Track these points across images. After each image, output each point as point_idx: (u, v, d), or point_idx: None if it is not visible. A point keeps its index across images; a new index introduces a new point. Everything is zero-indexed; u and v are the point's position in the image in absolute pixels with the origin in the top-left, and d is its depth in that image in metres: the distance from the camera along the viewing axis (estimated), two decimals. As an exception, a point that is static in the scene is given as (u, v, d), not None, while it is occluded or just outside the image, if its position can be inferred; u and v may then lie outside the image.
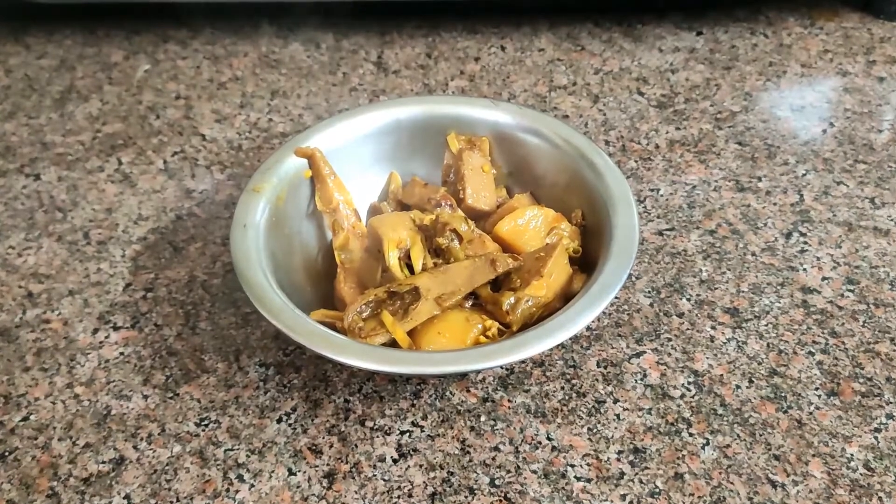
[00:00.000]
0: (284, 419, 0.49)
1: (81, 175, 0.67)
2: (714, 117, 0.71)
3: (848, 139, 0.68)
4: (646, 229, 0.60)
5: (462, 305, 0.50)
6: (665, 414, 0.49)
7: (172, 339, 0.54)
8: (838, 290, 0.55)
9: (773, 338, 0.53)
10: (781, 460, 0.46)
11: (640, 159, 0.67)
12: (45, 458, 0.48)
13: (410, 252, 0.50)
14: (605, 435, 0.48)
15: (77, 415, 0.50)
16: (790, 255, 0.58)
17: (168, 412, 0.50)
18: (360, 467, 0.47)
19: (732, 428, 0.48)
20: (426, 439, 0.48)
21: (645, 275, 0.57)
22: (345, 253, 0.54)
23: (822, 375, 0.50)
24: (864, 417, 0.48)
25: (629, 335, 0.53)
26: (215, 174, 0.67)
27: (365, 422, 0.49)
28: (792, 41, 0.79)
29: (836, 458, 0.46)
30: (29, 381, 0.52)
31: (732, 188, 0.63)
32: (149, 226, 0.62)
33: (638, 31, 0.82)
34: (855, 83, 0.74)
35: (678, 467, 0.46)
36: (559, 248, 0.50)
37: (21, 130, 0.73)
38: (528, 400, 0.50)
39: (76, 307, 0.56)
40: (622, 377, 0.51)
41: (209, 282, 0.58)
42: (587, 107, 0.73)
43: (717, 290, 0.56)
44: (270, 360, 0.53)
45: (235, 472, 0.47)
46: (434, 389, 0.50)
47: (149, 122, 0.73)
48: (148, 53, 0.82)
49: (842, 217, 0.61)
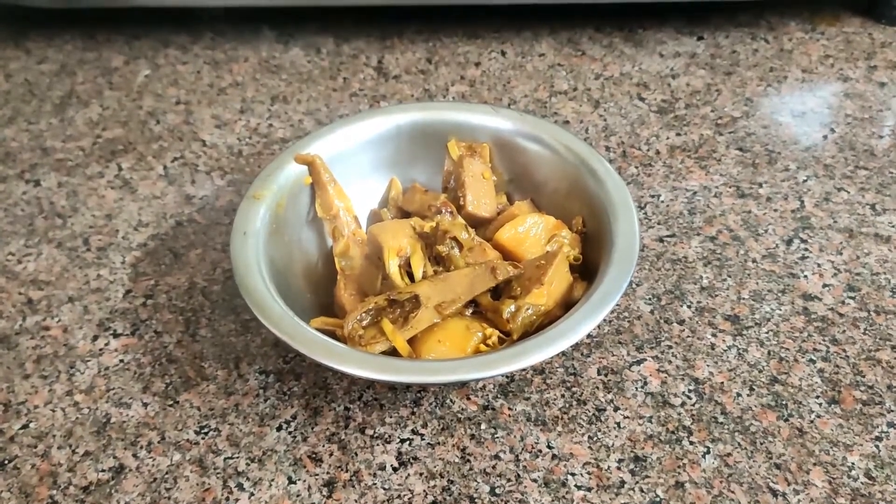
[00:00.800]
0: (284, 427, 0.49)
1: (81, 181, 0.67)
2: (715, 123, 0.71)
3: (849, 145, 0.67)
4: (646, 236, 0.60)
5: (462, 313, 0.50)
6: (666, 422, 0.48)
7: (172, 346, 0.54)
8: (839, 298, 0.55)
9: (773, 345, 0.52)
10: (782, 469, 0.46)
11: (641, 165, 0.66)
12: (44, 466, 0.48)
13: (410, 260, 0.50)
14: (605, 443, 0.48)
15: (77, 423, 0.50)
16: (791, 261, 0.58)
17: (168, 420, 0.50)
18: (360, 475, 0.47)
19: (733, 436, 0.48)
20: (426, 447, 0.48)
21: (645, 282, 0.57)
22: (345, 260, 0.54)
23: (822, 383, 0.50)
24: (866, 426, 0.48)
25: (630, 342, 0.53)
26: (215, 180, 0.67)
27: (365, 430, 0.49)
28: (793, 46, 0.79)
29: (837, 466, 0.46)
30: (29, 388, 0.52)
31: (733, 194, 0.63)
32: (149, 232, 0.62)
33: (639, 35, 0.82)
34: (856, 88, 0.74)
35: (679, 476, 0.46)
36: (560, 255, 0.50)
37: (21, 136, 0.73)
38: (529, 408, 0.50)
39: (76, 314, 0.56)
40: (623, 385, 0.51)
41: (209, 288, 0.58)
42: (588, 112, 0.72)
43: (718, 297, 0.56)
44: (270, 368, 0.52)
45: (235, 480, 0.47)
46: (434, 397, 0.50)
47: (149, 127, 0.73)
48: (148, 58, 0.82)
49: (843, 223, 0.61)
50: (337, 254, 0.54)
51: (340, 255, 0.54)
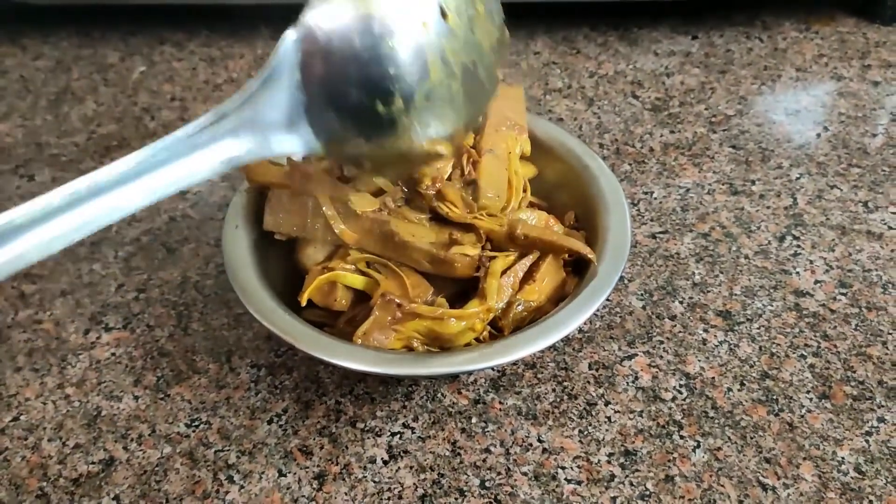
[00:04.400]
0: (275, 420, 0.49)
1: (76, 176, 0.67)
2: (708, 121, 0.71)
3: (842, 143, 0.68)
4: (639, 232, 0.60)
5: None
6: (656, 416, 0.49)
7: (164, 339, 0.54)
8: (831, 294, 0.55)
9: (765, 341, 0.53)
10: (772, 463, 0.46)
11: (634, 162, 0.67)
12: (34, 458, 0.48)
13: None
14: (596, 437, 0.48)
15: (67, 415, 0.50)
16: (783, 258, 0.58)
17: (159, 413, 0.50)
18: (350, 469, 0.47)
19: (724, 430, 0.48)
20: (417, 441, 0.48)
21: (637, 277, 0.57)
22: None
23: (813, 378, 0.50)
24: (856, 421, 0.48)
25: (621, 338, 0.53)
26: (209, 176, 0.67)
27: (356, 423, 0.49)
28: (787, 45, 0.80)
29: (827, 461, 0.46)
30: (20, 381, 0.52)
31: (726, 191, 0.63)
32: (142, 227, 0.62)
33: (634, 34, 0.82)
34: (850, 87, 0.74)
35: (669, 470, 0.46)
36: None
37: (16, 132, 0.73)
38: (520, 402, 0.50)
39: (68, 308, 0.56)
40: (614, 379, 0.51)
41: (202, 283, 0.58)
42: (582, 110, 0.73)
43: (710, 292, 0.56)
44: (262, 362, 0.52)
45: (226, 473, 0.47)
46: (425, 391, 0.50)
47: (144, 123, 0.73)
48: (143, 55, 0.82)
49: (835, 221, 0.61)
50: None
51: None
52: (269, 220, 0.50)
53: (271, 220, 0.50)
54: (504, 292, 0.48)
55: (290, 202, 0.50)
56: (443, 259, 0.48)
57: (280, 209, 0.50)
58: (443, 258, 0.48)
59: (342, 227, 0.48)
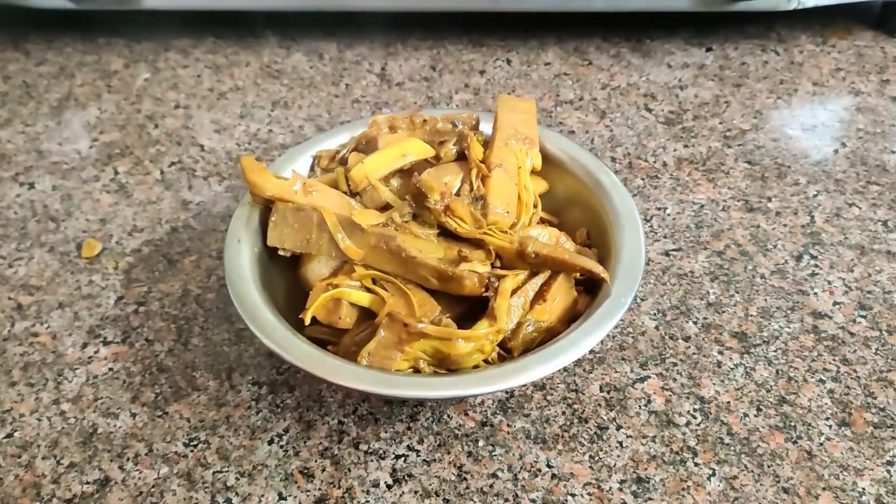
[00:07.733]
0: (276, 441, 0.48)
1: (76, 184, 0.66)
2: (723, 135, 0.69)
3: (860, 160, 0.66)
4: (652, 249, 0.59)
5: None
6: (670, 442, 0.47)
7: (163, 354, 0.53)
8: (850, 316, 0.54)
9: (782, 364, 0.51)
10: (790, 493, 0.44)
11: (647, 177, 0.65)
12: (28, 477, 0.46)
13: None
14: (607, 463, 0.46)
15: (62, 432, 0.48)
16: (800, 278, 0.56)
17: (156, 431, 0.48)
18: (352, 493, 0.45)
19: (740, 458, 0.46)
20: (422, 464, 0.46)
21: (650, 296, 0.55)
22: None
23: (833, 405, 0.49)
24: (877, 449, 0.46)
25: (633, 359, 0.51)
26: (213, 185, 0.66)
27: (359, 445, 0.47)
28: (804, 59, 0.78)
29: (847, 491, 0.44)
30: (15, 396, 0.51)
31: (741, 208, 0.62)
32: (143, 237, 0.61)
33: (647, 46, 0.81)
34: (868, 102, 0.72)
35: (683, 499, 0.44)
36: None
37: (17, 138, 0.72)
38: (528, 425, 0.48)
39: (66, 320, 0.55)
40: (626, 403, 0.49)
41: (203, 296, 0.56)
42: (594, 122, 0.71)
43: (725, 313, 0.54)
44: (264, 379, 0.51)
45: (224, 495, 0.45)
46: (431, 412, 0.49)
47: (147, 131, 0.72)
48: (148, 62, 0.81)
49: (854, 240, 0.59)
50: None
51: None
52: (273, 236, 0.49)
53: (275, 236, 0.49)
54: (514, 312, 0.47)
55: (294, 217, 0.48)
56: (451, 275, 0.46)
57: (284, 225, 0.48)
58: (451, 274, 0.46)
59: (348, 242, 0.47)
